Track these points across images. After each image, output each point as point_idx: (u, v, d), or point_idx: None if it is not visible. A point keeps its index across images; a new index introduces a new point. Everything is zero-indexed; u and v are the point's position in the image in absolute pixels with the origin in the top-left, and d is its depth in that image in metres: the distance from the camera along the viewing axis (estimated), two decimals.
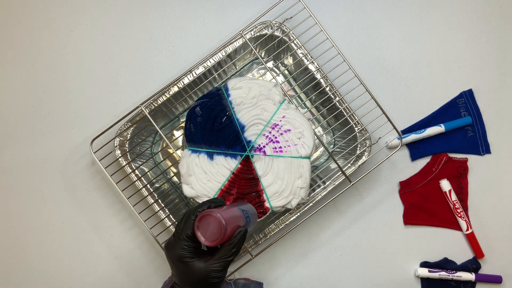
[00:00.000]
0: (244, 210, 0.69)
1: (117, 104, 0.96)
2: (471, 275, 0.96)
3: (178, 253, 0.62)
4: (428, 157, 0.99)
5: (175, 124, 0.97)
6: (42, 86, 0.96)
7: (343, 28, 0.99)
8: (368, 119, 0.91)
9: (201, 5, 0.98)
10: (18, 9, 0.96)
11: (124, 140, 0.90)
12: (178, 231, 0.63)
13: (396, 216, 0.98)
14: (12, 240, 0.95)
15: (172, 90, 0.90)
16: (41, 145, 0.95)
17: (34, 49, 0.96)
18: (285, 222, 0.91)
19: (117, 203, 0.95)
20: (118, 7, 0.97)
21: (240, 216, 0.66)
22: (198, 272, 0.61)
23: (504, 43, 1.00)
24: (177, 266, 0.63)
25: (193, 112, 0.83)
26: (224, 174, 0.83)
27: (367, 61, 0.99)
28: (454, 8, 1.00)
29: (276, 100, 0.84)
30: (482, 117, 0.99)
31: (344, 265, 0.98)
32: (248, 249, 0.90)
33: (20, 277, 0.96)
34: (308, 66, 0.91)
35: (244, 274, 0.97)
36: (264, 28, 0.90)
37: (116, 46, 0.97)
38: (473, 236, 0.97)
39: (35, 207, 0.95)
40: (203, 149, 0.83)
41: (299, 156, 0.83)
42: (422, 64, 0.99)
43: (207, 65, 0.90)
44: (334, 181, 0.92)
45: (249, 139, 0.83)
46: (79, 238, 0.96)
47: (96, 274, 0.96)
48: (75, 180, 0.96)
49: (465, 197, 0.98)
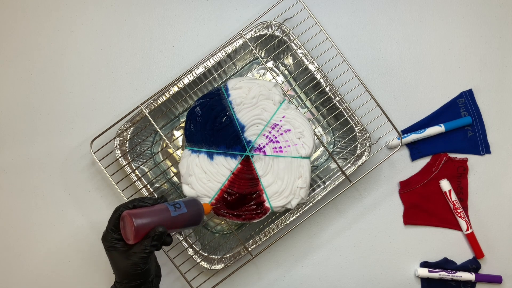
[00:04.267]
0: (176, 202, 0.72)
1: (117, 104, 0.96)
2: (471, 275, 0.96)
3: (107, 244, 0.70)
4: (428, 157, 0.99)
5: (175, 124, 0.97)
6: (42, 86, 0.96)
7: (343, 28, 0.99)
8: (368, 119, 0.91)
9: (201, 5, 0.98)
10: (18, 9, 0.96)
11: (124, 140, 0.90)
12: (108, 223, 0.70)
13: (396, 216, 0.98)
14: (12, 240, 0.95)
15: (172, 90, 0.90)
16: (41, 145, 0.95)
17: (34, 49, 0.96)
18: (285, 222, 0.91)
19: (117, 203, 0.95)
20: (118, 7, 0.97)
21: (163, 210, 0.70)
22: (121, 261, 0.69)
23: (504, 43, 1.00)
24: (108, 255, 0.70)
25: (193, 112, 0.83)
26: (224, 174, 0.83)
27: (367, 61, 0.99)
28: (454, 8, 1.00)
29: (276, 100, 0.84)
30: (482, 117, 0.99)
31: (344, 265, 0.98)
32: (248, 248, 0.90)
33: (20, 277, 0.96)
34: (308, 66, 0.91)
35: (244, 274, 0.97)
36: (264, 28, 0.90)
37: (116, 46, 0.97)
38: (473, 236, 0.97)
39: (35, 207, 0.95)
40: (203, 149, 0.83)
41: (299, 156, 0.83)
42: (422, 64, 0.99)
43: (207, 65, 0.90)
44: (334, 181, 0.92)
45: (249, 139, 0.83)
46: (79, 238, 0.95)
47: (94, 273, 0.96)
48: (75, 180, 0.96)
49: (465, 197, 0.98)
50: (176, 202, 0.72)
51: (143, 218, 0.66)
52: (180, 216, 0.71)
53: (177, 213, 0.70)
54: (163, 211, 0.69)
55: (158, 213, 0.69)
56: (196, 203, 0.75)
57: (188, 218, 0.72)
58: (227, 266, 0.90)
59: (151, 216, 0.68)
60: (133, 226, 0.65)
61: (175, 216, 0.70)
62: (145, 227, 0.66)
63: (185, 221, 0.72)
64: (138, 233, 0.66)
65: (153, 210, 0.69)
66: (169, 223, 0.69)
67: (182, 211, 0.71)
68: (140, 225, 0.66)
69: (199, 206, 0.75)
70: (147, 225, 0.67)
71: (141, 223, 0.66)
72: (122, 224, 0.68)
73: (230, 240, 0.94)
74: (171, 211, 0.70)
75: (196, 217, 0.74)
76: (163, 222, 0.68)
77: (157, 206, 0.70)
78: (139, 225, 0.66)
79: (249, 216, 0.82)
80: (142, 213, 0.67)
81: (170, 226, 0.69)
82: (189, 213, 0.72)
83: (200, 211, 0.75)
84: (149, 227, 0.67)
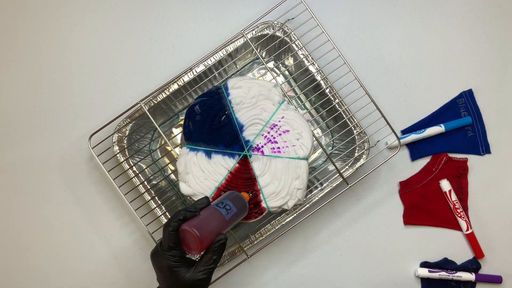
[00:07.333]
0: (223, 203, 0.71)
1: (116, 104, 0.96)
2: (471, 275, 0.95)
3: (165, 263, 0.66)
4: (428, 157, 0.99)
5: (174, 122, 0.97)
6: (42, 86, 0.96)
7: (343, 28, 0.99)
8: (367, 122, 0.91)
9: (201, 5, 0.98)
10: (18, 9, 0.97)
11: (123, 136, 0.90)
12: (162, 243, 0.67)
13: (396, 216, 0.98)
14: (12, 240, 0.96)
15: (172, 88, 0.90)
16: (41, 145, 0.96)
17: (34, 49, 0.96)
18: (281, 223, 0.91)
19: (114, 199, 0.96)
20: (118, 7, 0.97)
21: (217, 215, 0.69)
22: (184, 280, 0.65)
23: (504, 43, 0.99)
24: (164, 274, 0.67)
25: (192, 110, 0.83)
26: (222, 173, 0.83)
27: (367, 61, 0.99)
28: (454, 8, 1.00)
29: (275, 101, 0.84)
30: (482, 117, 0.99)
31: (344, 265, 0.98)
32: (244, 248, 0.90)
33: (20, 277, 0.96)
34: (309, 67, 0.91)
35: (240, 273, 0.97)
36: (266, 28, 0.90)
37: (116, 46, 0.97)
38: (473, 236, 0.97)
39: (35, 206, 0.96)
40: (201, 147, 0.83)
41: (297, 157, 0.83)
42: (422, 64, 0.99)
43: (207, 63, 0.90)
44: (331, 183, 0.92)
45: (247, 138, 0.83)
46: (77, 235, 0.96)
47: (93, 270, 0.96)
48: (73, 175, 0.96)
49: (465, 197, 0.98)
50: (225, 204, 0.71)
51: (204, 228, 0.66)
52: (233, 217, 0.71)
53: (230, 215, 0.70)
54: (218, 217, 0.69)
55: (215, 219, 0.68)
56: (240, 197, 0.76)
57: (238, 216, 0.73)
58: (222, 265, 0.90)
59: (209, 224, 0.67)
60: (197, 237, 0.64)
61: (229, 219, 0.70)
62: (208, 237, 0.66)
63: (235, 219, 0.72)
64: (203, 244, 0.65)
65: (208, 217, 0.68)
66: (226, 227, 0.70)
67: (233, 211, 0.71)
68: (204, 236, 0.65)
69: (243, 200, 0.75)
70: (209, 235, 0.66)
71: (204, 234, 0.65)
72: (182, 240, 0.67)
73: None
74: (225, 214, 0.70)
75: (243, 211, 0.75)
76: (221, 227, 0.68)
77: (209, 211, 0.69)
78: (203, 237, 0.65)
79: (246, 216, 0.82)
80: (201, 223, 0.66)
81: (226, 229, 0.70)
82: (238, 211, 0.73)
83: (245, 204, 0.75)
84: (211, 235, 0.66)
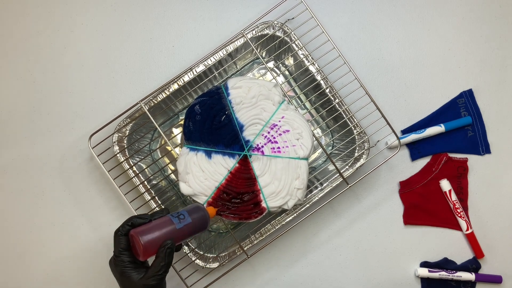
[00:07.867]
0: (178, 212, 0.72)
1: (116, 104, 0.96)
2: (471, 275, 0.95)
3: (118, 268, 0.68)
4: (428, 157, 0.99)
5: (174, 122, 0.97)
6: (42, 86, 0.96)
7: (343, 28, 0.99)
8: (367, 122, 0.91)
9: (201, 5, 0.98)
10: (18, 9, 0.97)
11: (123, 136, 0.90)
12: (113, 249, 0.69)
13: (396, 216, 0.98)
14: (12, 240, 0.96)
15: (172, 88, 0.90)
16: (41, 145, 0.96)
17: (34, 49, 0.96)
18: (281, 223, 0.91)
19: (114, 199, 0.95)
20: (118, 7, 0.97)
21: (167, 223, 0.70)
22: (135, 285, 0.67)
23: (504, 43, 0.99)
24: (118, 280, 0.70)
25: (192, 110, 0.83)
26: (222, 173, 0.83)
27: (367, 61, 0.99)
28: (454, 8, 1.00)
29: (275, 101, 0.84)
30: (482, 117, 0.99)
31: (344, 265, 0.98)
32: (244, 248, 0.89)
33: (20, 277, 0.96)
34: (309, 67, 0.91)
35: (240, 273, 0.97)
36: (266, 28, 0.90)
37: (116, 46, 0.97)
38: (473, 236, 0.97)
39: (35, 206, 0.95)
40: (201, 147, 0.83)
41: (297, 157, 0.83)
42: (422, 64, 0.99)
43: (207, 63, 0.90)
44: (331, 183, 0.92)
45: (247, 138, 0.83)
46: (78, 237, 0.96)
47: (93, 270, 0.96)
48: (73, 175, 0.96)
49: (465, 197, 0.98)
50: (180, 213, 0.72)
51: (149, 234, 0.67)
52: (185, 227, 0.71)
53: (182, 225, 0.70)
54: (168, 224, 0.69)
55: (163, 227, 0.69)
56: (200, 209, 0.75)
57: (194, 227, 0.72)
58: (222, 265, 0.91)
59: (156, 231, 0.68)
60: (140, 244, 0.66)
61: (180, 228, 0.70)
62: (152, 243, 0.67)
63: (191, 230, 0.72)
64: (147, 251, 0.66)
65: (157, 225, 0.69)
66: (176, 235, 0.70)
67: (187, 221, 0.71)
68: (147, 242, 0.66)
69: (203, 212, 0.75)
70: (154, 241, 0.67)
71: (147, 240, 0.66)
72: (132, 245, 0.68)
73: (226, 239, 0.94)
74: (176, 223, 0.70)
75: (202, 224, 0.74)
76: (169, 235, 0.69)
77: (161, 219, 0.70)
78: (146, 242, 0.66)
79: (246, 216, 0.82)
80: (147, 229, 0.68)
81: (177, 238, 0.70)
82: (193, 222, 0.72)
83: (205, 217, 0.75)
84: (157, 242, 0.67)
